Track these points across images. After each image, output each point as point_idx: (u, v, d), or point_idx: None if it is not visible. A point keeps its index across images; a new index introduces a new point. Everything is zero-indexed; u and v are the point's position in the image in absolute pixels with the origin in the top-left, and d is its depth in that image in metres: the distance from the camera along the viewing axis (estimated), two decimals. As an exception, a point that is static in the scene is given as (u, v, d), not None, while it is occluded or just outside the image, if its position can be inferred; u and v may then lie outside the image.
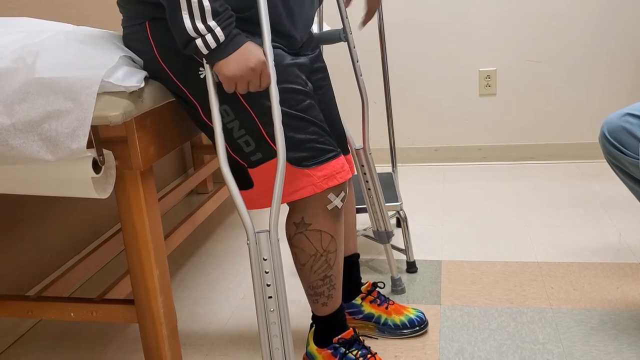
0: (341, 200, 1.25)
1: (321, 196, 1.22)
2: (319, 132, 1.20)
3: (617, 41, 2.63)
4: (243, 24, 1.11)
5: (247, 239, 1.11)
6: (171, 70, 1.18)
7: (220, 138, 1.12)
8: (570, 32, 2.65)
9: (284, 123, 1.14)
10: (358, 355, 1.34)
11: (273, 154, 1.17)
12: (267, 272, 1.11)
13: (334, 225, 1.26)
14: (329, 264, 1.28)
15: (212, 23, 1.03)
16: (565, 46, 2.67)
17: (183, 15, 1.03)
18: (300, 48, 1.30)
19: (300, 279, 1.32)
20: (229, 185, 1.12)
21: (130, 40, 1.22)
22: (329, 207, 1.23)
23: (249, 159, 1.20)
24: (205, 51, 1.05)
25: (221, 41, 1.05)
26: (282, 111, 1.15)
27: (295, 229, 1.25)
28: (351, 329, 1.37)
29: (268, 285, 1.11)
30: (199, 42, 1.04)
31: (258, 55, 1.07)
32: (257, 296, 1.12)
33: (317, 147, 1.20)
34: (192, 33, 1.03)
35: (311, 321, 1.40)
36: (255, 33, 1.14)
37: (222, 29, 1.04)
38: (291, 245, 1.28)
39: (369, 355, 1.35)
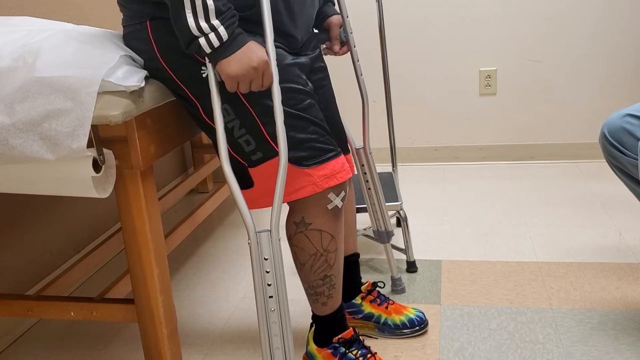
0: (341, 200, 1.25)
1: (321, 196, 1.22)
2: (319, 131, 1.20)
3: (618, 41, 2.63)
4: (244, 24, 1.11)
5: (249, 239, 1.11)
6: (172, 69, 1.18)
7: (222, 137, 1.12)
8: (570, 32, 2.65)
9: (284, 123, 1.14)
10: (358, 355, 1.34)
11: (274, 153, 1.17)
12: (268, 272, 1.11)
13: (334, 224, 1.26)
14: (329, 263, 1.28)
15: (215, 22, 1.03)
16: (566, 46, 2.67)
17: (187, 13, 1.03)
18: (301, 48, 1.30)
19: (300, 279, 1.32)
20: (231, 185, 1.12)
21: (131, 39, 1.22)
22: (329, 206, 1.23)
23: (249, 158, 1.20)
24: (208, 50, 1.05)
25: (224, 40, 1.05)
26: (283, 111, 1.15)
27: (296, 229, 1.25)
28: (351, 328, 1.37)
29: (269, 285, 1.11)
30: (202, 40, 1.04)
31: (261, 54, 1.07)
32: (258, 295, 1.12)
33: (317, 147, 1.20)
34: (195, 32, 1.03)
35: (311, 321, 1.40)
36: (256, 33, 1.14)
37: (226, 28, 1.04)
38: (291, 244, 1.28)
39: (368, 355, 1.35)
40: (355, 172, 1.55)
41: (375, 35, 2.73)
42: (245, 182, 1.22)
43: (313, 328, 1.40)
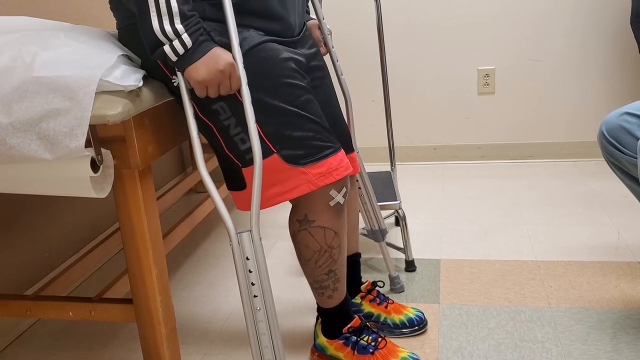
0: (343, 196, 1.25)
1: (323, 193, 1.22)
2: (316, 128, 1.20)
3: (616, 39, 2.63)
4: (218, 11, 1.13)
5: (230, 240, 1.12)
6: (168, 69, 1.18)
7: (197, 142, 1.14)
8: (569, 31, 2.65)
9: (281, 120, 1.14)
10: (369, 341, 1.35)
11: (269, 152, 1.17)
12: (251, 272, 1.12)
13: (337, 221, 1.26)
14: (333, 258, 1.29)
15: (179, 27, 1.05)
16: (564, 44, 2.67)
17: (151, 15, 1.04)
18: (298, 39, 1.29)
19: (305, 274, 1.34)
20: (208, 187, 1.13)
21: (127, 40, 1.22)
22: (331, 203, 1.24)
23: (243, 157, 1.19)
24: (174, 58, 1.07)
25: (189, 47, 1.06)
26: (280, 107, 1.16)
27: (299, 226, 1.26)
28: (357, 317, 1.38)
29: (253, 284, 1.12)
30: (167, 48, 1.06)
31: (226, 57, 1.08)
32: (244, 296, 1.13)
33: (313, 145, 1.19)
34: (160, 36, 1.05)
35: (317, 314, 1.41)
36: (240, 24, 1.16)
37: (190, 35, 1.06)
38: (295, 242, 1.29)
39: (379, 339, 1.36)
40: (359, 171, 1.54)
41: (374, 35, 2.73)
42: (238, 184, 1.22)
43: (319, 321, 1.40)
